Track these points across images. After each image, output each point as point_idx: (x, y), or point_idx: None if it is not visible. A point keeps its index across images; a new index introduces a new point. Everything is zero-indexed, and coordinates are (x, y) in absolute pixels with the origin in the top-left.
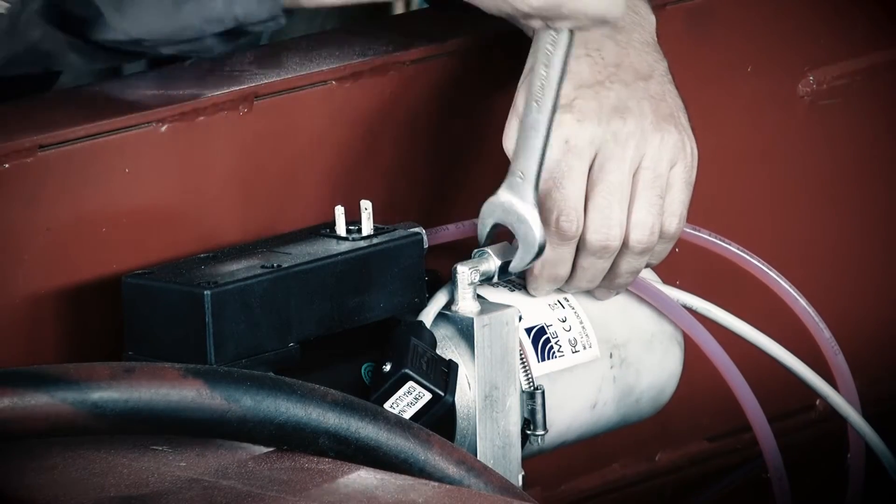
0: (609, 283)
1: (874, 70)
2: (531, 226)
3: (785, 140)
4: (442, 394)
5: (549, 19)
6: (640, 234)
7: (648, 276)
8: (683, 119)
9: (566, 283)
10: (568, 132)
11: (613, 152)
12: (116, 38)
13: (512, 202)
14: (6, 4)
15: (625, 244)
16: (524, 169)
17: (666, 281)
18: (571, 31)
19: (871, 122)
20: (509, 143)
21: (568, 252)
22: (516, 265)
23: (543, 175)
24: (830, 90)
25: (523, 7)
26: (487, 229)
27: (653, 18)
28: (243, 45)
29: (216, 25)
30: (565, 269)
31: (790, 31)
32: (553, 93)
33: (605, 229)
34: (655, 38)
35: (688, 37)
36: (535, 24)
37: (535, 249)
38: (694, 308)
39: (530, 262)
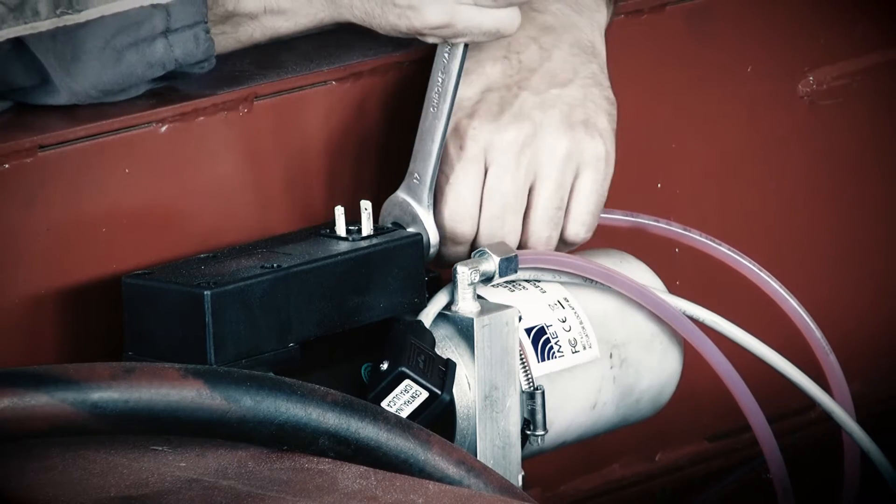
0: None
1: (874, 70)
2: (425, 228)
3: (785, 140)
4: (439, 392)
5: (445, 36)
6: (536, 243)
7: (651, 282)
8: (604, 123)
9: None
10: (463, 138)
11: (508, 162)
12: (59, 102)
13: (408, 202)
14: None
15: (522, 246)
16: (420, 172)
17: (664, 282)
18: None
19: (871, 122)
20: None
21: (464, 249)
22: None
23: (440, 177)
24: (830, 90)
25: (419, 26)
26: (388, 226)
27: (601, 15)
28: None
29: (157, 70)
30: None
31: (790, 31)
32: (449, 100)
33: (498, 239)
34: (597, 37)
35: (688, 37)
36: (432, 40)
37: (429, 251)
38: (696, 318)
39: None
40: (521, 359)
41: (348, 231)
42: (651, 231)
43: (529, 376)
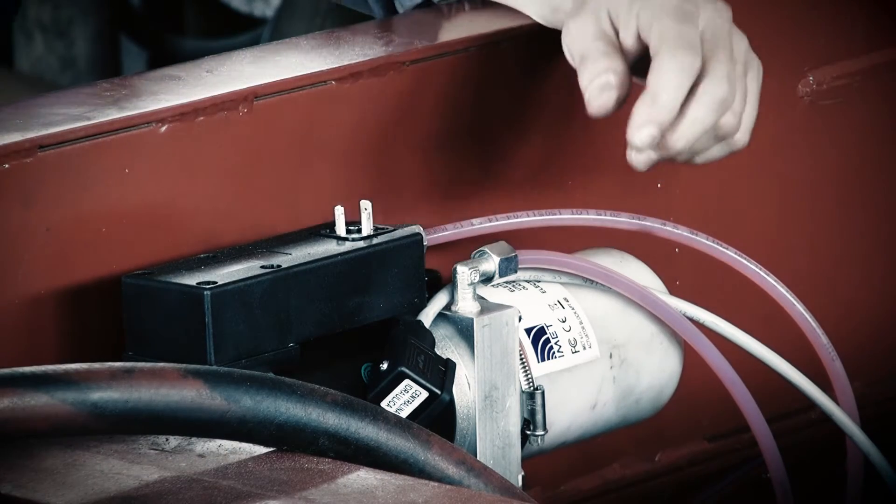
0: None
1: (874, 70)
2: None
3: (785, 140)
4: (438, 392)
5: None
6: (731, 118)
7: (651, 283)
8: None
9: (664, 138)
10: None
11: (721, 30)
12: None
13: None
14: None
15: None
16: None
17: (664, 282)
18: None
19: (871, 122)
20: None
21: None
22: None
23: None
24: (830, 90)
25: None
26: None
27: None
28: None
29: None
30: (695, 63)
31: (790, 31)
32: None
33: (727, 83)
34: None
35: None
36: None
37: None
38: (695, 318)
39: None
40: (521, 359)
41: (348, 231)
42: (658, 234)
43: (529, 376)
